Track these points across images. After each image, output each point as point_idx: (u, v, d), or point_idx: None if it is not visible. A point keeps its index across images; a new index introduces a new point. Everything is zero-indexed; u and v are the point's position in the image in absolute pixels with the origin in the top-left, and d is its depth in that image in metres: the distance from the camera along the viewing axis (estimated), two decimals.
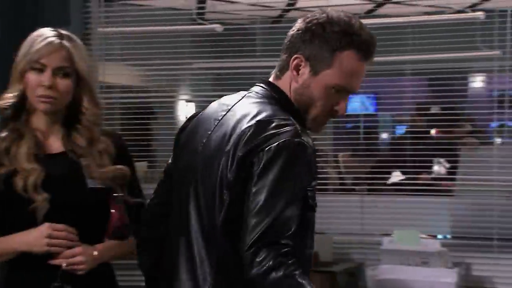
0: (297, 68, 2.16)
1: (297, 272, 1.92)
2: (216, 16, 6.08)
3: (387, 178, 5.38)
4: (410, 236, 4.62)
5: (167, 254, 2.27)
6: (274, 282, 1.93)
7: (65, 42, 2.46)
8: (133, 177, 2.58)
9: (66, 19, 5.34)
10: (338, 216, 4.98)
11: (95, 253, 2.45)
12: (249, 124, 2.08)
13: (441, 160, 5.31)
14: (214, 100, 2.33)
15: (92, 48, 5.39)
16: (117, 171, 2.49)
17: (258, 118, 2.09)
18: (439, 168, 5.34)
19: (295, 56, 2.16)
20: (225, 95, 2.20)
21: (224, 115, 2.19)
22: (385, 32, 5.32)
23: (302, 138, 2.04)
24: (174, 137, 2.40)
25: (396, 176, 5.36)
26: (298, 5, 6.28)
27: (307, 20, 2.15)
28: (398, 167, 5.30)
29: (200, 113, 2.32)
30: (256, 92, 2.21)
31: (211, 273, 2.12)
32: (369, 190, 5.06)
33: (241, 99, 2.22)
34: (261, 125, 2.07)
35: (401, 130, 5.88)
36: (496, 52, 4.94)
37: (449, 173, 5.33)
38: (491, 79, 5.44)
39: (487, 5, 5.92)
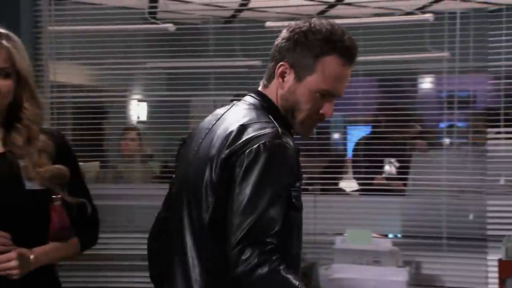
0: (282, 75, 2.27)
1: (281, 267, 2.02)
2: (169, 16, 6.07)
3: (340, 178, 5.43)
4: (363, 236, 4.67)
5: (165, 257, 2.37)
6: (260, 278, 2.02)
7: (4, 42, 2.42)
8: (76, 176, 2.56)
9: (16, 17, 5.28)
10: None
11: (32, 257, 2.42)
12: (233, 128, 2.19)
13: (392, 160, 5.38)
14: (166, 100, 2.47)
15: (42, 47, 5.34)
16: (56, 170, 2.47)
17: (241, 122, 2.20)
18: (390, 168, 5.41)
19: (280, 63, 2.27)
20: (178, 94, 2.25)
21: (214, 123, 2.31)
22: None
23: (283, 139, 2.14)
24: (126, 136, 2.44)
25: (347, 184, 5.44)
26: (250, 5, 6.30)
27: (291, 29, 2.27)
28: (353, 167, 5.36)
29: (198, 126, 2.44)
30: (245, 101, 2.33)
31: (201, 274, 2.21)
32: (322, 190, 5.10)
33: (230, 108, 2.34)
34: (243, 129, 2.17)
35: (367, 130, 5.96)
36: (445, 54, 5.02)
37: (399, 173, 5.39)
38: (440, 80, 5.51)
39: (436, 7, 6.00)
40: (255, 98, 2.33)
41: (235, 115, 2.27)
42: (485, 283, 4.71)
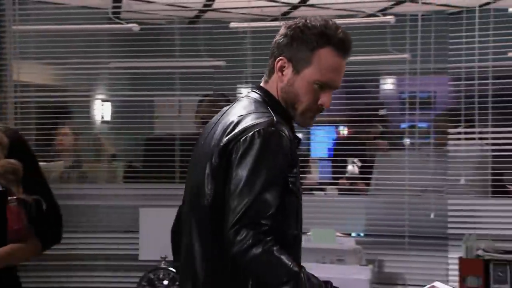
0: (281, 69, 2.39)
1: (275, 248, 2.13)
2: (132, 16, 6.06)
3: (304, 178, 5.48)
4: (327, 235, 4.73)
5: (182, 248, 2.47)
6: (254, 258, 2.13)
7: None
8: (33, 173, 2.55)
9: None
10: None
11: None
12: (232, 119, 2.32)
13: (355, 160, 5.44)
14: (130, 100, 2.54)
15: (6, 47, 5.31)
16: (9, 165, 2.45)
17: (241, 113, 2.33)
18: (353, 168, 5.47)
19: (278, 58, 2.39)
20: (142, 94, 2.29)
21: (219, 118, 2.43)
22: None
23: (278, 127, 2.28)
24: (90, 136, 2.48)
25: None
26: (215, 6, 6.31)
27: (287, 26, 2.40)
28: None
29: None
30: (248, 96, 2.45)
31: (202, 263, 2.35)
32: None
33: (234, 103, 2.47)
34: (242, 119, 2.31)
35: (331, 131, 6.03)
36: (406, 55, 5.08)
37: (361, 172, 5.46)
38: (402, 81, 5.58)
39: (398, 10, 6.07)
40: (256, 92, 2.44)
41: (237, 108, 2.40)
42: (446, 281, 4.78)
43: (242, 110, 2.36)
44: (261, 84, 2.48)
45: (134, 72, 5.91)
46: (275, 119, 2.30)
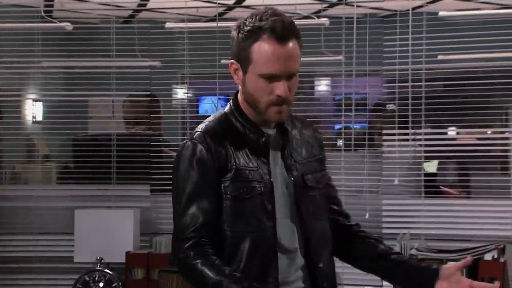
0: (235, 72, 2.37)
1: (198, 261, 2.25)
2: (64, 14, 5.98)
3: None
4: None
5: None
6: (181, 271, 2.35)
7: None
8: None
9: None
10: None
11: None
12: None
13: None
14: (63, 100, 2.51)
15: None
16: None
17: None
18: None
19: (230, 62, 2.37)
20: (76, 94, 2.26)
21: None
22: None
23: (196, 138, 2.35)
24: (21, 136, 2.44)
25: None
26: (150, 6, 6.28)
27: (232, 27, 2.36)
28: None
29: None
30: None
31: None
32: None
33: None
34: None
35: None
36: (340, 57, 5.14)
37: None
38: (337, 83, 5.65)
39: (332, 12, 6.14)
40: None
41: None
42: (380, 280, 4.85)
43: None
44: None
45: (67, 71, 5.84)
46: (199, 131, 2.38)
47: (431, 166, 5.34)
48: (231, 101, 2.45)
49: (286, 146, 2.44)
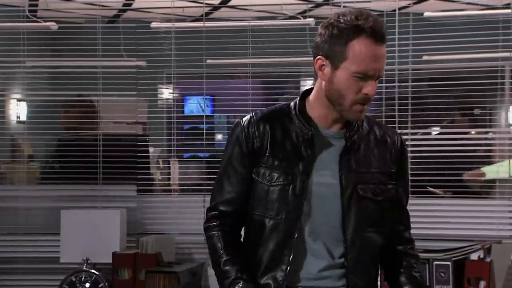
0: (321, 68, 2.39)
1: (216, 234, 2.48)
2: (49, 14, 5.96)
3: None
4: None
5: None
6: (206, 238, 2.52)
7: None
8: None
9: None
10: (181, 217, 5.06)
11: None
12: None
13: None
14: (48, 100, 2.52)
15: None
16: None
17: None
18: None
19: (317, 58, 2.39)
20: (61, 94, 2.27)
21: None
22: (222, 36, 5.44)
23: (244, 119, 2.51)
24: (5, 137, 2.43)
25: None
26: (135, 6, 6.27)
27: (322, 25, 2.39)
28: None
29: None
30: None
31: None
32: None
33: None
34: None
35: None
36: None
37: None
38: None
39: (319, 12, 6.15)
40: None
41: None
42: None
43: None
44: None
45: (52, 71, 5.81)
46: (252, 113, 2.52)
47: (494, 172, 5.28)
48: (299, 96, 2.53)
49: (347, 151, 2.45)
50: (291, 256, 2.41)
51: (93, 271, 4.75)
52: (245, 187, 2.48)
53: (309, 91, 2.51)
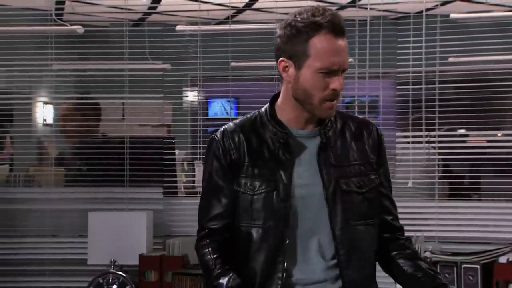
0: (285, 70, 2.37)
1: (206, 250, 2.43)
2: (75, 18, 5.99)
3: None
4: None
5: None
6: (198, 259, 2.48)
7: None
8: None
9: None
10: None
11: None
12: None
13: None
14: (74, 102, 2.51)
15: None
16: None
17: None
18: None
19: (279, 60, 2.37)
20: (87, 98, 2.28)
21: None
22: (248, 38, 5.44)
23: (217, 133, 2.46)
24: (32, 139, 2.46)
25: None
26: (160, 9, 6.29)
27: (279, 25, 2.37)
28: None
29: None
30: None
31: None
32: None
33: None
34: None
35: None
36: (352, 60, 5.13)
37: None
38: (350, 85, 5.62)
39: (344, 14, 6.12)
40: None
41: None
42: (394, 284, 4.84)
43: None
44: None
45: (78, 74, 5.84)
46: (225, 126, 2.47)
47: None
48: (269, 102, 2.48)
49: (323, 148, 2.42)
50: (285, 263, 2.37)
51: (120, 273, 4.75)
52: (230, 201, 2.43)
53: (277, 96, 2.47)
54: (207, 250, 2.43)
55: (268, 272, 2.38)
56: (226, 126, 2.47)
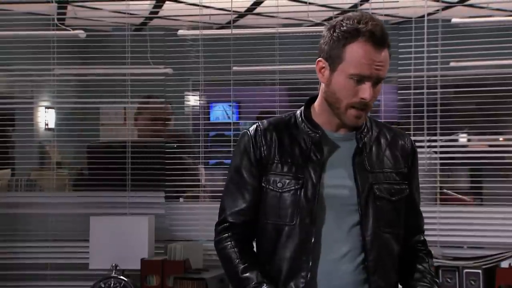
0: (320, 70, 2.41)
1: (229, 244, 2.47)
2: (76, 22, 6.00)
3: None
4: None
5: None
6: (217, 252, 2.54)
7: None
8: None
9: None
10: (209, 223, 5.04)
11: None
12: None
13: None
14: (76, 107, 2.55)
15: None
16: None
17: None
18: None
19: (317, 60, 2.42)
20: (89, 101, 2.30)
21: None
22: (249, 43, 5.45)
23: (250, 128, 2.50)
24: (34, 144, 2.47)
25: None
26: (162, 13, 6.29)
27: (326, 26, 2.43)
28: None
29: None
30: None
31: None
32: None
33: None
34: None
35: None
36: None
37: None
38: None
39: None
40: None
41: None
42: None
43: None
44: None
45: (80, 79, 5.85)
46: (258, 123, 2.50)
47: None
48: (304, 103, 2.53)
49: (359, 152, 2.45)
50: (311, 262, 2.39)
51: (121, 277, 4.75)
52: (255, 197, 2.47)
53: (314, 98, 2.51)
54: (229, 243, 2.46)
55: (293, 270, 2.40)
56: (259, 122, 2.52)
